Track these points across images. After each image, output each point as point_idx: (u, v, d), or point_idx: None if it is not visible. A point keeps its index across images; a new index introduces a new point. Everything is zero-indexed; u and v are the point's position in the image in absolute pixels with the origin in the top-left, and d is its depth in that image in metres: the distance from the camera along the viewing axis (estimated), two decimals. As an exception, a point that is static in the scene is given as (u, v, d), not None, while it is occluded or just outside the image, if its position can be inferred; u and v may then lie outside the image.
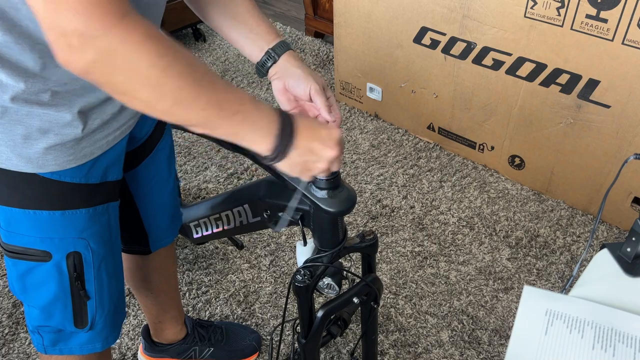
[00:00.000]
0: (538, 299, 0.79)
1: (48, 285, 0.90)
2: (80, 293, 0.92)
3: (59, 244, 0.87)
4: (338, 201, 0.90)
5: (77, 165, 0.84)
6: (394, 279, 1.79)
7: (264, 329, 1.65)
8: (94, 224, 0.90)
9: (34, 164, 0.80)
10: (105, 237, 0.94)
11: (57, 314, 0.94)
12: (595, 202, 1.99)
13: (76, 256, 0.89)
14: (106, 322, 0.99)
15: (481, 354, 1.57)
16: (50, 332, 0.97)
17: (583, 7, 1.66)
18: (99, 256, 0.93)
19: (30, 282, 0.91)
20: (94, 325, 0.97)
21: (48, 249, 0.87)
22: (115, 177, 0.94)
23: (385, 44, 2.27)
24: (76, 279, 0.90)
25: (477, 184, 2.16)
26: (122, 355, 1.58)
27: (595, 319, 0.75)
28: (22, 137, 0.77)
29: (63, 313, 0.94)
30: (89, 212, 0.89)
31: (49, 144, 0.79)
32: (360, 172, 2.23)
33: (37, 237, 0.86)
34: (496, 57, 1.95)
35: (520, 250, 1.88)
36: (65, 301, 0.92)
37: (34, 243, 0.86)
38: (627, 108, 1.73)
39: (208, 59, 3.01)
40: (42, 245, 0.86)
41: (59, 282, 0.90)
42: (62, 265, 0.89)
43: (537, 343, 0.73)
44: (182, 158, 2.32)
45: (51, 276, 0.89)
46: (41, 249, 0.87)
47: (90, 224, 0.90)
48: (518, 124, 2.03)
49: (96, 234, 0.91)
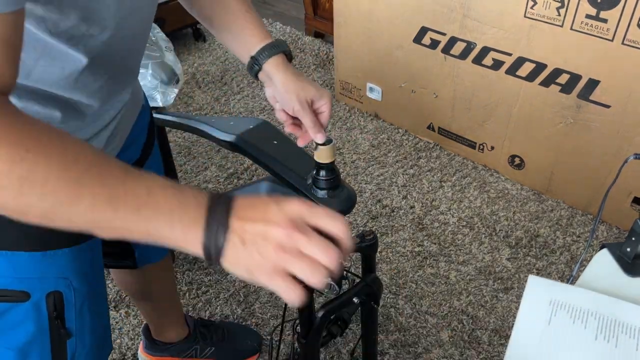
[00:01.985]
0: (542, 288, 0.79)
1: (25, 326, 0.84)
2: (60, 332, 0.86)
3: (39, 285, 0.81)
4: (338, 201, 0.90)
5: None
6: (394, 279, 1.79)
7: (264, 329, 1.65)
8: (77, 262, 0.84)
9: None
10: (88, 273, 0.88)
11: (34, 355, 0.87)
12: (595, 202, 1.99)
13: (57, 295, 0.83)
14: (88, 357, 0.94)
15: (481, 353, 1.57)
16: None
17: (583, 7, 1.67)
18: (82, 294, 0.87)
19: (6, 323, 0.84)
20: None
21: (26, 289, 0.81)
22: None
23: (385, 43, 2.27)
24: (56, 317, 0.84)
25: (477, 184, 2.16)
26: (122, 355, 1.58)
27: (599, 309, 0.76)
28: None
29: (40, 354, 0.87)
30: (72, 251, 0.83)
31: None
32: (360, 172, 2.23)
33: (14, 277, 0.79)
34: (496, 57, 1.95)
35: (520, 250, 1.88)
36: (43, 341, 0.86)
37: (10, 284, 0.80)
38: (627, 108, 1.73)
39: (208, 59, 3.01)
40: (19, 285, 0.80)
41: (37, 322, 0.84)
42: (42, 305, 0.83)
43: (540, 333, 0.73)
44: (182, 158, 2.32)
45: (28, 316, 0.83)
46: (19, 290, 0.80)
47: (73, 263, 0.84)
48: (518, 124, 2.03)
49: (79, 271, 0.85)
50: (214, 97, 2.71)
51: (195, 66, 2.96)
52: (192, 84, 2.81)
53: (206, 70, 2.92)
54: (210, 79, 2.85)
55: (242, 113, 2.60)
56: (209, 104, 2.65)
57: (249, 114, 2.59)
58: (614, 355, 0.70)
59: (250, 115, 2.58)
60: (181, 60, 2.98)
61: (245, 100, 2.67)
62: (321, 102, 0.87)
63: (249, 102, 2.66)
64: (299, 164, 0.94)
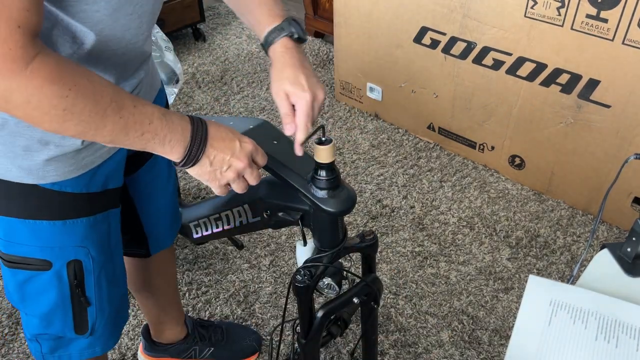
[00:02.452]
0: (543, 288, 0.79)
1: (48, 294, 0.89)
2: (80, 300, 0.91)
3: (60, 253, 0.87)
4: (338, 201, 0.90)
5: (78, 175, 0.84)
6: (394, 279, 1.79)
7: (264, 329, 1.65)
8: (95, 232, 0.90)
9: (34, 175, 0.79)
10: (105, 244, 0.93)
11: (57, 322, 0.93)
12: (595, 202, 1.99)
13: (76, 264, 0.89)
14: (106, 326, 0.99)
15: (481, 354, 1.57)
16: (50, 340, 0.96)
17: (583, 6, 1.66)
18: (99, 263, 0.92)
19: (30, 291, 0.90)
20: (94, 331, 0.97)
21: (48, 258, 0.86)
22: (116, 185, 0.93)
23: (385, 43, 2.27)
24: (76, 286, 0.90)
25: (477, 184, 2.16)
26: (122, 355, 1.58)
27: (599, 310, 0.75)
28: (22, 149, 0.76)
29: (63, 320, 0.93)
30: (90, 221, 0.89)
31: (49, 155, 0.78)
32: (360, 172, 2.23)
33: (37, 246, 0.85)
34: (496, 57, 1.95)
35: (520, 250, 1.88)
36: (65, 309, 0.92)
37: (33, 252, 0.85)
38: (627, 108, 1.73)
39: (208, 59, 3.01)
40: (42, 254, 0.86)
41: (59, 290, 0.89)
42: (63, 274, 0.88)
43: (540, 333, 0.73)
44: (182, 158, 2.31)
45: (51, 284, 0.88)
46: (41, 258, 0.86)
47: (91, 232, 0.89)
48: (518, 124, 2.03)
49: (97, 241, 0.90)
50: (214, 97, 2.70)
51: (195, 66, 2.96)
52: (192, 84, 2.81)
53: (206, 70, 2.92)
54: (210, 79, 2.85)
55: (242, 113, 2.60)
56: (209, 104, 2.65)
57: (249, 114, 2.59)
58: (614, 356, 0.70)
59: (250, 115, 2.58)
60: (181, 60, 2.98)
61: (245, 100, 2.67)
62: (293, 99, 0.85)
63: (249, 102, 2.66)
64: (299, 164, 0.94)
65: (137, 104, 0.69)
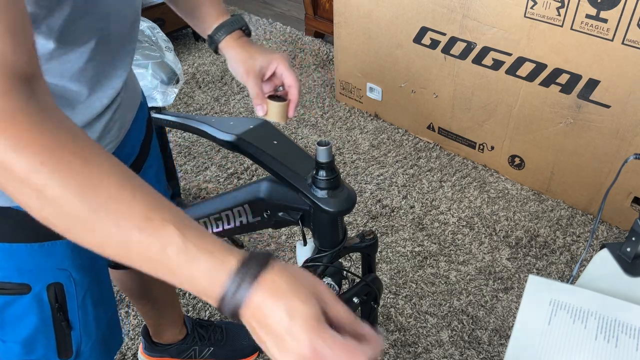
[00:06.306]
0: (542, 288, 0.79)
1: (28, 318, 0.84)
2: (62, 324, 0.86)
3: (38, 276, 0.81)
4: (338, 201, 0.90)
5: None
6: (394, 278, 1.79)
7: (264, 328, 1.65)
8: (76, 254, 0.83)
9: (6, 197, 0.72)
10: (88, 265, 0.87)
11: (39, 347, 0.87)
12: (595, 202, 1.99)
13: (57, 287, 0.83)
14: (94, 349, 0.93)
15: (481, 353, 1.57)
16: None
17: (583, 7, 1.66)
18: (84, 285, 0.86)
19: (9, 316, 0.84)
20: (79, 354, 0.91)
21: (26, 281, 0.81)
22: None
23: (385, 44, 2.27)
24: (58, 309, 0.84)
25: (477, 184, 2.16)
26: (122, 355, 1.58)
27: (599, 309, 0.75)
28: None
29: (45, 345, 0.87)
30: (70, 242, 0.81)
31: None
32: (360, 172, 2.23)
33: (14, 269, 0.79)
34: (496, 57, 1.95)
35: (520, 250, 1.88)
36: (48, 333, 0.86)
37: (10, 277, 0.80)
38: (627, 108, 1.73)
39: (208, 59, 3.01)
40: (19, 278, 0.80)
41: (40, 314, 0.84)
42: (43, 297, 0.82)
43: (540, 333, 0.73)
44: (182, 158, 2.32)
45: (31, 308, 0.83)
46: (19, 282, 0.80)
47: (71, 254, 0.83)
48: (518, 124, 2.03)
49: (79, 263, 0.84)
50: (214, 97, 2.71)
51: (195, 66, 2.96)
52: (192, 84, 2.81)
53: (206, 70, 2.92)
54: (210, 79, 2.85)
55: (242, 113, 2.60)
56: (209, 104, 2.65)
57: (249, 114, 2.59)
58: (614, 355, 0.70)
59: (250, 115, 2.58)
60: (181, 60, 2.98)
61: (245, 100, 2.67)
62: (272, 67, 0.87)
63: (249, 102, 2.66)
64: (299, 164, 0.94)
65: (152, 211, 0.48)
